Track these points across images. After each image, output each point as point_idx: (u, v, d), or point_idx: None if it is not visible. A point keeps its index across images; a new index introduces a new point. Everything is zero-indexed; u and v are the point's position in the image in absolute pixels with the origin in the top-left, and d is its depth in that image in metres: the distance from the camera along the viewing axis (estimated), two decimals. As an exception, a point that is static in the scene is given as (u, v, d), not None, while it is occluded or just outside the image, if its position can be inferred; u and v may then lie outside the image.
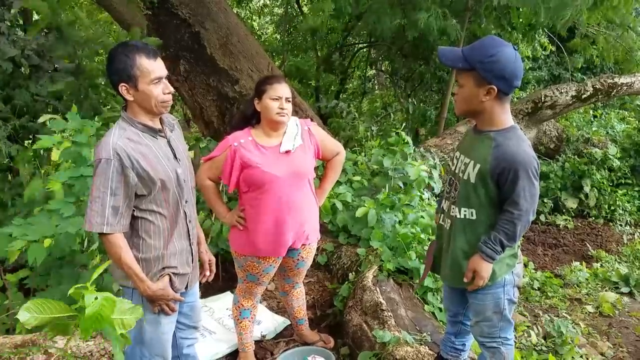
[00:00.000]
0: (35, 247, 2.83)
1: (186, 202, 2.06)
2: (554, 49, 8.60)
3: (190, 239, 2.11)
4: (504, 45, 1.90)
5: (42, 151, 3.50)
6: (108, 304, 1.40)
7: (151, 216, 1.95)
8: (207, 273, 2.30)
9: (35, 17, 5.90)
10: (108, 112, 3.83)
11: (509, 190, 1.91)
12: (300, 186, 2.52)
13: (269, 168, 2.42)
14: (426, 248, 3.21)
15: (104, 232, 1.84)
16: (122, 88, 1.86)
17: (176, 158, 2.01)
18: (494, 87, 1.88)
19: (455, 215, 2.06)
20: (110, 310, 1.40)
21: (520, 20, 6.83)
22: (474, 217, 2.01)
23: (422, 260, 3.20)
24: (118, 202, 1.84)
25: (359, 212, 3.71)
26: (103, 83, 4.33)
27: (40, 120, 3.11)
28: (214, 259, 2.35)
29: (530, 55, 8.21)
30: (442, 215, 2.17)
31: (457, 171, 2.08)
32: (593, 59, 8.38)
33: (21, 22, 5.40)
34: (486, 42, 1.93)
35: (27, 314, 1.25)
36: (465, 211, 2.03)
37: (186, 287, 2.12)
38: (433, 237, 2.63)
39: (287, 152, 2.47)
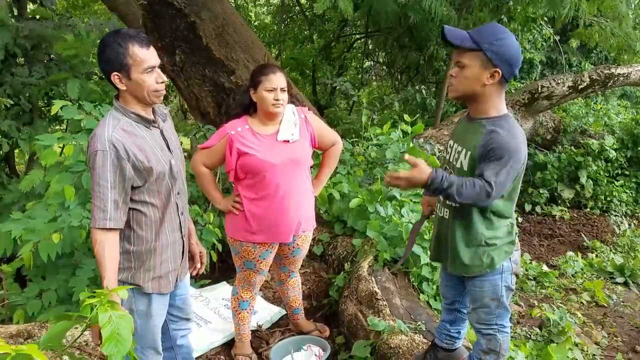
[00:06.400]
0: (46, 244, 2.84)
1: (178, 193, 2.03)
2: (557, 38, 8.55)
3: (182, 231, 2.08)
4: (509, 32, 1.93)
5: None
6: (125, 322, 1.33)
7: (143, 207, 1.90)
8: (198, 265, 2.29)
9: (31, 6, 5.87)
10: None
11: (486, 165, 1.85)
12: (296, 174, 2.52)
13: (266, 156, 2.42)
14: (426, 237, 3.23)
15: (107, 227, 1.77)
16: (115, 77, 1.81)
17: (169, 149, 1.98)
18: (499, 71, 1.88)
19: (452, 204, 2.06)
20: (129, 329, 1.32)
21: (521, 8, 6.79)
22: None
23: (424, 250, 3.20)
24: (118, 195, 1.79)
25: (353, 203, 3.70)
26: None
27: (53, 110, 3.01)
28: (204, 251, 2.33)
29: (528, 46, 8.18)
30: (439, 204, 2.17)
31: (451, 160, 2.07)
32: (591, 45, 8.34)
33: (15, 11, 5.37)
34: (493, 26, 1.95)
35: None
36: None
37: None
38: (431, 228, 2.64)
39: (285, 141, 2.47)
